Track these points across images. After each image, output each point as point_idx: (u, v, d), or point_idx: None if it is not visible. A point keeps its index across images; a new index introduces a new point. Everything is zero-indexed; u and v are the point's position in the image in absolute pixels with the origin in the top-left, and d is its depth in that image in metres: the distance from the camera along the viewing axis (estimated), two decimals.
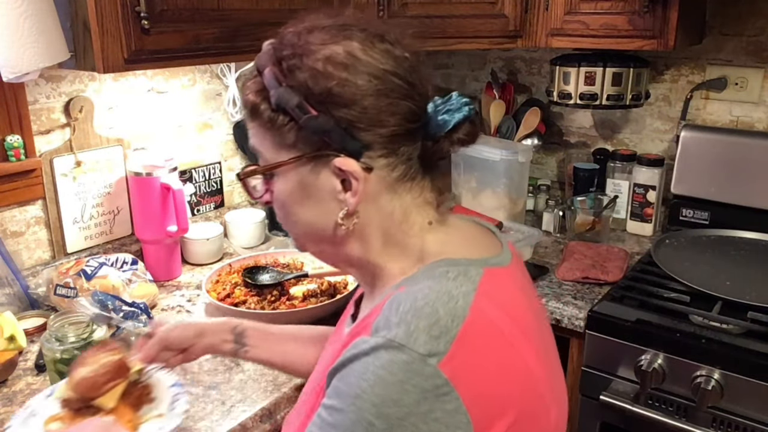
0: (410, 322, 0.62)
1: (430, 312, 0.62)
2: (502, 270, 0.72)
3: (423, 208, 0.74)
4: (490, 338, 0.64)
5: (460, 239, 0.75)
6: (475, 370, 0.62)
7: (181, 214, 1.54)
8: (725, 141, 1.79)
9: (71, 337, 1.08)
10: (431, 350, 0.60)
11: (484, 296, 0.66)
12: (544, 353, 0.72)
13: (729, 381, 1.28)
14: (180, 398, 0.98)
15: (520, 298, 0.72)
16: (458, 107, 0.71)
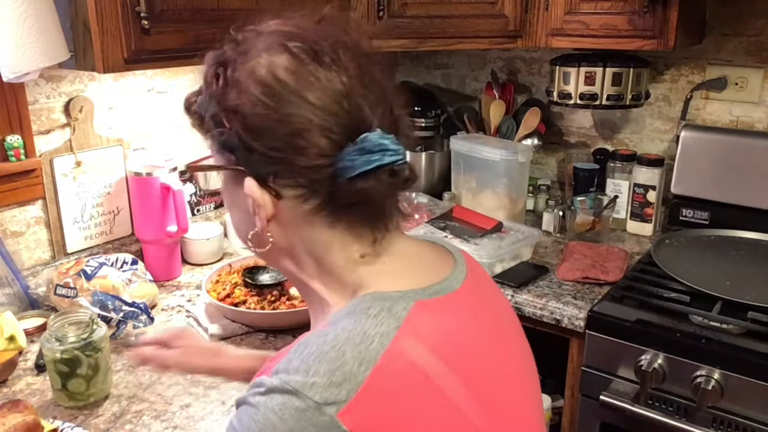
0: (310, 366, 0.57)
1: (335, 356, 0.57)
2: (441, 299, 0.65)
3: (351, 244, 0.67)
4: (408, 383, 0.58)
5: (398, 269, 0.68)
6: (386, 420, 0.56)
7: (181, 214, 1.54)
8: (725, 141, 1.79)
9: (71, 337, 1.08)
10: (329, 398, 0.55)
11: (409, 334, 0.60)
12: (492, 386, 0.66)
13: (729, 381, 1.28)
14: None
15: (461, 328, 0.65)
16: (376, 150, 0.62)
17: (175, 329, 1.11)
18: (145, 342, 1.03)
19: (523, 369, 0.73)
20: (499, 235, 1.69)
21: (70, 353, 1.06)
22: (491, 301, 0.74)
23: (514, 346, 0.74)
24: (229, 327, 1.32)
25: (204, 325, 1.32)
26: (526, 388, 0.73)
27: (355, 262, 0.67)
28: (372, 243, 0.67)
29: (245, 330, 1.32)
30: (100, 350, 1.09)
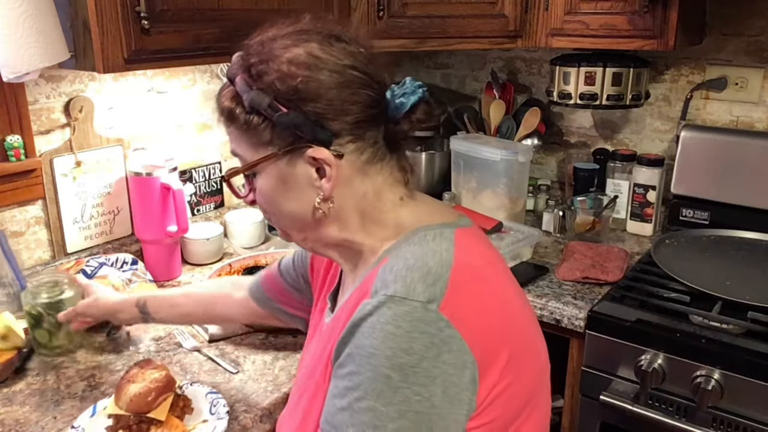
0: (406, 276, 0.69)
1: (422, 265, 0.70)
2: (469, 229, 0.79)
3: (393, 186, 0.80)
4: (477, 281, 0.72)
5: (428, 209, 0.82)
6: (470, 309, 0.69)
7: (181, 214, 1.54)
8: (725, 141, 1.79)
9: (42, 295, 1.22)
10: (430, 297, 0.67)
11: (462, 249, 0.74)
12: (524, 298, 0.81)
13: (729, 381, 1.28)
14: (218, 402, 1.06)
15: (490, 250, 0.81)
16: (413, 90, 0.77)
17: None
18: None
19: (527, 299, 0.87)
20: (499, 235, 1.70)
21: (34, 309, 1.21)
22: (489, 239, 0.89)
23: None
24: (229, 327, 1.32)
25: (204, 325, 1.32)
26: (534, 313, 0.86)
27: (395, 204, 0.79)
28: (405, 185, 0.81)
29: (245, 330, 1.32)
30: (61, 311, 1.21)
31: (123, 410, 0.98)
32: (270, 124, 0.74)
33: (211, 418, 1.03)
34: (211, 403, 1.07)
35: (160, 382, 1.00)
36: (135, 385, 0.99)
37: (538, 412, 0.78)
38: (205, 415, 1.04)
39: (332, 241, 0.81)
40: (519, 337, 0.74)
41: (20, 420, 1.05)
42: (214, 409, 1.05)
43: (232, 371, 1.18)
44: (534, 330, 0.80)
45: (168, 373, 1.03)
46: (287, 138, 0.75)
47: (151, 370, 1.02)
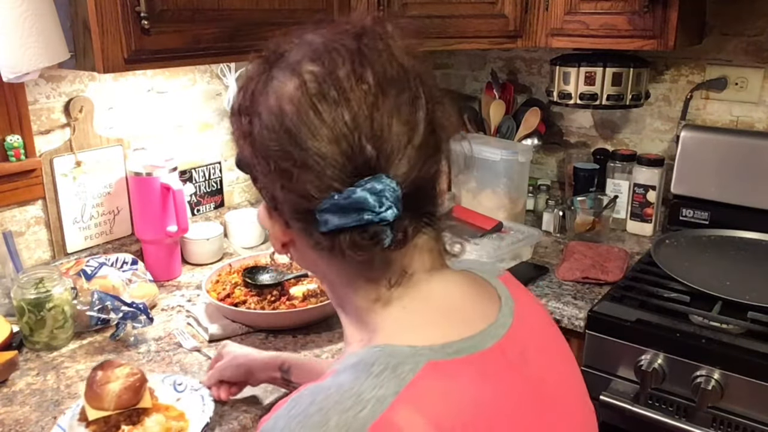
0: (290, 426, 0.52)
1: (319, 421, 0.51)
2: (462, 361, 0.57)
3: (364, 284, 0.62)
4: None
5: (419, 317, 0.61)
6: None
7: (181, 214, 1.54)
8: (725, 141, 1.79)
9: (29, 291, 1.24)
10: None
11: (407, 402, 0.53)
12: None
13: (729, 381, 1.28)
14: (180, 381, 1.11)
15: (480, 399, 0.56)
16: (355, 209, 0.55)
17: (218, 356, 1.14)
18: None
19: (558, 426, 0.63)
20: (499, 235, 1.69)
21: (18, 303, 1.23)
22: (541, 359, 0.64)
23: (564, 418, 0.64)
24: (229, 327, 1.32)
25: (204, 325, 1.32)
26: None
27: (369, 303, 0.62)
28: (387, 287, 0.61)
29: (245, 330, 1.32)
30: (44, 308, 1.23)
31: (111, 410, 0.98)
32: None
33: (182, 395, 1.08)
34: (172, 385, 1.10)
35: (136, 374, 1.02)
36: (114, 383, 0.99)
37: None
38: (175, 395, 1.09)
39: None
40: None
41: (20, 420, 1.05)
42: (180, 387, 1.10)
43: None
44: None
45: (132, 365, 1.05)
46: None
47: (119, 368, 1.02)
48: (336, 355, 1.24)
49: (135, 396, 1.00)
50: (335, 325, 1.35)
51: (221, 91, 1.82)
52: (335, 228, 0.56)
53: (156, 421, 1.00)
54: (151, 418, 1.01)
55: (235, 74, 1.80)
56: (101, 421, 0.99)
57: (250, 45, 1.40)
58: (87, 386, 1.01)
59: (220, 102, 1.82)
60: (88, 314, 1.29)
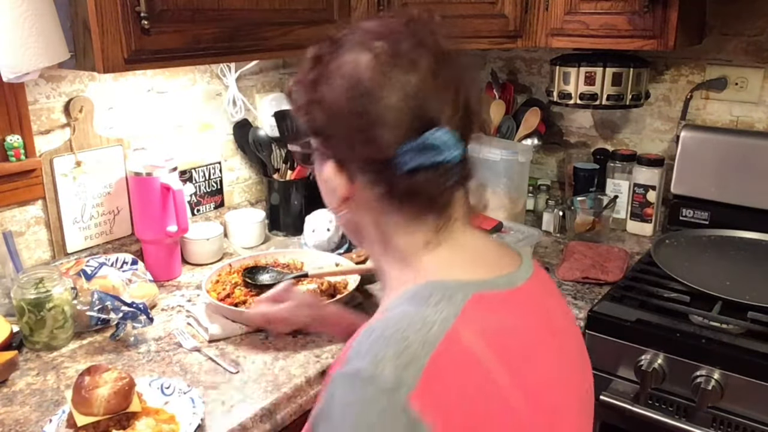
0: (379, 351, 0.60)
1: (400, 339, 0.61)
2: (498, 294, 0.69)
3: (416, 229, 0.72)
4: (463, 366, 0.62)
5: (460, 259, 0.73)
6: (446, 400, 0.59)
7: (181, 214, 1.54)
8: (725, 141, 1.79)
9: (29, 292, 1.24)
10: (397, 382, 0.58)
11: (465, 322, 0.63)
12: (541, 385, 0.68)
13: (729, 381, 1.28)
14: (167, 384, 1.10)
15: (515, 325, 0.69)
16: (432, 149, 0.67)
17: (279, 287, 1.22)
18: (258, 301, 1.21)
19: (571, 377, 0.75)
20: (499, 235, 1.70)
21: (18, 303, 1.23)
22: (552, 306, 0.77)
23: (568, 354, 0.76)
24: (229, 327, 1.32)
25: (204, 325, 1.32)
26: (574, 392, 0.74)
27: (418, 247, 0.72)
28: (435, 231, 0.72)
29: (245, 330, 1.32)
30: (44, 308, 1.23)
31: (100, 415, 0.98)
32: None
33: (170, 399, 1.07)
34: (159, 388, 1.10)
35: (125, 378, 1.02)
36: (103, 388, 0.99)
37: None
38: (163, 398, 1.08)
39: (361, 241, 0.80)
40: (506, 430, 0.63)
41: (20, 420, 1.05)
42: (167, 390, 1.09)
43: (232, 371, 1.18)
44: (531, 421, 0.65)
45: (120, 369, 1.05)
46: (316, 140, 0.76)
47: (107, 372, 1.02)
48: (335, 354, 1.24)
49: (124, 400, 1.00)
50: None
51: (221, 91, 1.82)
52: (413, 168, 0.67)
53: (146, 424, 1.00)
54: (141, 422, 1.00)
55: (235, 74, 1.80)
56: (90, 426, 0.99)
57: (250, 45, 1.42)
58: (74, 391, 1.01)
59: (220, 102, 1.82)
60: (88, 314, 1.29)
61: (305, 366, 1.20)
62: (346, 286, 1.44)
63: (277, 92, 1.97)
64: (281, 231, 1.89)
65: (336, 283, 1.45)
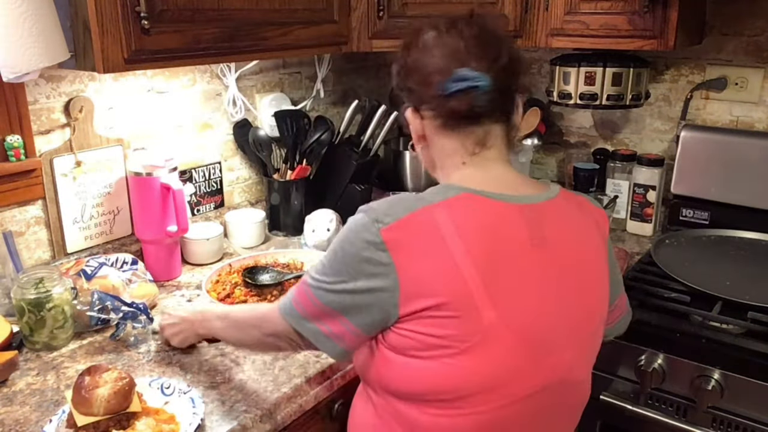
0: (378, 204, 0.89)
1: (395, 201, 0.89)
2: (488, 200, 0.90)
3: (460, 151, 0.97)
4: (427, 232, 0.85)
5: (482, 178, 0.95)
6: (406, 247, 0.85)
7: (181, 214, 1.54)
8: (725, 141, 1.79)
9: (29, 292, 1.24)
10: (378, 218, 0.86)
11: (445, 207, 0.88)
12: (500, 272, 0.86)
13: (729, 381, 1.28)
14: (167, 384, 1.11)
15: (494, 224, 0.89)
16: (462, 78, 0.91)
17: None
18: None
19: (558, 291, 0.92)
20: None
21: (18, 303, 1.23)
22: (553, 229, 0.93)
23: (560, 273, 0.92)
24: None
25: None
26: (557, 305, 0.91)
27: (457, 166, 0.97)
28: (470, 154, 0.96)
29: None
30: (44, 308, 1.23)
31: (101, 415, 0.98)
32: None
33: (170, 398, 1.07)
34: (159, 388, 1.10)
35: (125, 378, 1.02)
36: (103, 388, 0.99)
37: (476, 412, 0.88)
38: (163, 398, 1.08)
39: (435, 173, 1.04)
40: (454, 295, 0.83)
41: (20, 420, 1.05)
42: (167, 390, 1.09)
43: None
44: (490, 300, 0.85)
45: (120, 369, 1.05)
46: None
47: (107, 372, 1.02)
48: None
49: (124, 400, 1.00)
50: None
51: (221, 91, 1.82)
52: (453, 92, 0.91)
53: (146, 424, 1.00)
54: (141, 422, 1.00)
55: (235, 74, 1.80)
56: (90, 426, 0.98)
57: (250, 45, 1.42)
58: (74, 392, 1.01)
59: (220, 102, 1.82)
60: (88, 314, 1.29)
61: (305, 366, 1.20)
62: None
63: (277, 92, 1.97)
64: (281, 231, 1.89)
65: None
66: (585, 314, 0.96)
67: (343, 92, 2.23)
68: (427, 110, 0.97)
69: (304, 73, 2.06)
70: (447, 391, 0.87)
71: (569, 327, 0.93)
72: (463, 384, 0.86)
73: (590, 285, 0.97)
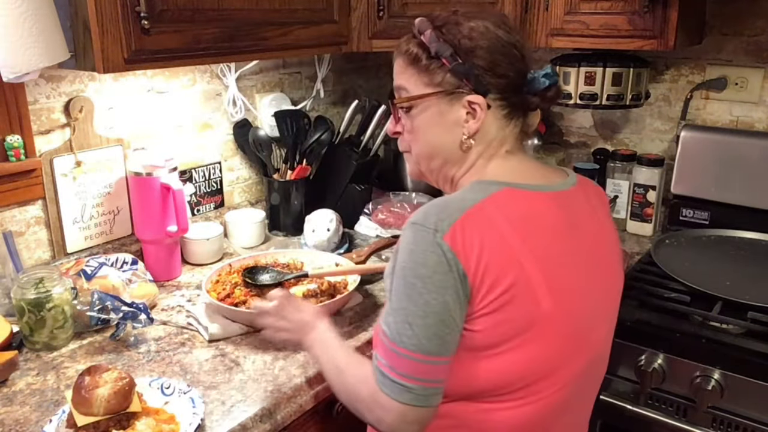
0: (428, 209, 0.88)
1: (443, 204, 0.89)
2: (528, 192, 0.93)
3: (509, 140, 0.99)
4: (484, 227, 0.86)
5: (515, 167, 0.98)
6: (469, 244, 0.84)
7: (181, 214, 1.54)
8: (725, 141, 1.79)
9: (29, 292, 1.24)
10: (437, 226, 0.85)
11: (492, 202, 0.89)
12: (550, 259, 0.89)
13: (729, 381, 1.28)
14: (167, 384, 1.11)
15: (537, 213, 0.92)
16: (553, 75, 0.97)
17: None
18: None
19: (592, 275, 0.96)
20: None
21: (18, 303, 1.23)
22: (582, 214, 0.98)
23: (591, 256, 0.96)
24: (229, 327, 1.32)
25: (204, 325, 1.32)
26: (591, 288, 0.95)
27: (499, 155, 0.99)
28: (516, 141, 0.99)
29: (245, 330, 1.32)
30: (44, 308, 1.23)
31: (101, 415, 0.98)
32: (446, 70, 0.95)
33: (170, 399, 1.07)
34: (159, 388, 1.10)
35: (125, 378, 1.02)
36: (103, 388, 0.99)
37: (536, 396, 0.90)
38: (163, 398, 1.08)
39: (449, 177, 1.02)
40: (517, 282, 0.85)
41: (20, 420, 1.05)
42: (167, 390, 1.09)
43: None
44: (546, 285, 0.87)
45: (120, 369, 1.05)
46: (455, 82, 0.95)
47: (107, 372, 1.02)
48: None
49: (124, 400, 1.00)
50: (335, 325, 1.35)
51: (221, 91, 1.82)
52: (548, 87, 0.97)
53: (146, 424, 1.00)
54: (141, 422, 1.00)
55: (235, 74, 1.80)
56: (90, 426, 0.98)
57: (250, 45, 1.42)
58: (74, 391, 1.01)
59: (220, 102, 1.82)
60: (88, 314, 1.29)
61: (305, 366, 1.20)
62: (346, 286, 1.44)
63: (277, 92, 1.97)
64: (281, 231, 1.89)
65: (336, 283, 1.45)
66: (611, 290, 1.02)
67: (343, 92, 2.23)
68: (498, 100, 0.96)
69: (304, 73, 2.06)
70: (513, 381, 0.88)
71: (602, 305, 0.98)
72: (528, 372, 0.88)
73: (611, 262, 1.02)
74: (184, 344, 1.29)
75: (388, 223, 1.89)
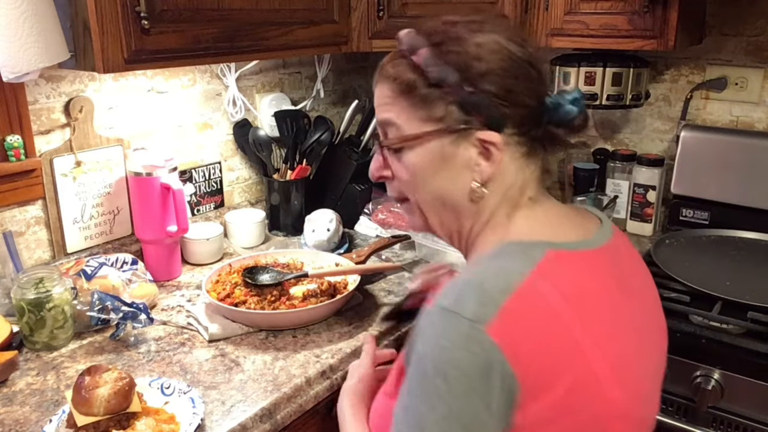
0: (462, 290, 0.68)
1: (480, 282, 0.68)
2: (573, 253, 0.75)
3: (532, 184, 0.80)
4: (541, 311, 0.67)
5: (544, 220, 0.80)
6: (520, 337, 0.65)
7: (181, 214, 1.54)
8: (725, 141, 1.79)
9: (29, 292, 1.24)
10: (476, 316, 0.65)
11: (541, 275, 0.69)
12: (612, 338, 0.72)
13: (729, 381, 1.28)
14: (167, 384, 1.11)
15: (589, 282, 0.74)
16: (580, 100, 0.79)
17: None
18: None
19: (647, 337, 0.81)
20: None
21: (18, 303, 1.23)
22: (630, 269, 0.82)
23: (643, 315, 0.81)
24: (229, 327, 1.32)
25: (204, 325, 1.32)
26: (647, 353, 0.80)
27: (524, 204, 0.79)
28: (539, 185, 0.80)
29: (245, 330, 1.32)
30: (44, 308, 1.23)
31: (101, 415, 0.98)
32: (449, 101, 0.76)
33: (170, 399, 1.07)
34: (159, 388, 1.10)
35: (125, 378, 1.02)
36: (103, 388, 0.99)
37: None
38: (163, 398, 1.08)
39: (463, 230, 0.82)
40: (579, 376, 0.68)
41: (20, 420, 1.05)
42: (167, 390, 1.09)
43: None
44: (612, 372, 0.70)
45: (120, 369, 1.05)
46: (459, 117, 0.76)
47: (107, 372, 1.02)
48: (335, 355, 1.24)
49: (124, 400, 1.00)
50: (335, 325, 1.35)
51: (221, 91, 1.82)
52: (576, 113, 0.79)
53: (146, 424, 1.00)
54: (141, 422, 1.00)
55: (235, 74, 1.80)
56: (90, 426, 0.98)
57: (250, 45, 1.42)
58: (74, 392, 1.01)
59: (220, 102, 1.82)
60: (88, 314, 1.29)
61: (305, 366, 1.20)
62: (346, 286, 1.44)
63: (277, 92, 1.97)
64: (281, 231, 1.89)
65: (336, 283, 1.45)
66: (662, 353, 0.86)
67: (343, 92, 2.23)
68: (517, 135, 0.77)
69: (304, 73, 2.06)
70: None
71: (657, 372, 0.84)
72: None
73: (660, 319, 0.86)
74: (184, 344, 1.29)
75: (388, 223, 1.89)
